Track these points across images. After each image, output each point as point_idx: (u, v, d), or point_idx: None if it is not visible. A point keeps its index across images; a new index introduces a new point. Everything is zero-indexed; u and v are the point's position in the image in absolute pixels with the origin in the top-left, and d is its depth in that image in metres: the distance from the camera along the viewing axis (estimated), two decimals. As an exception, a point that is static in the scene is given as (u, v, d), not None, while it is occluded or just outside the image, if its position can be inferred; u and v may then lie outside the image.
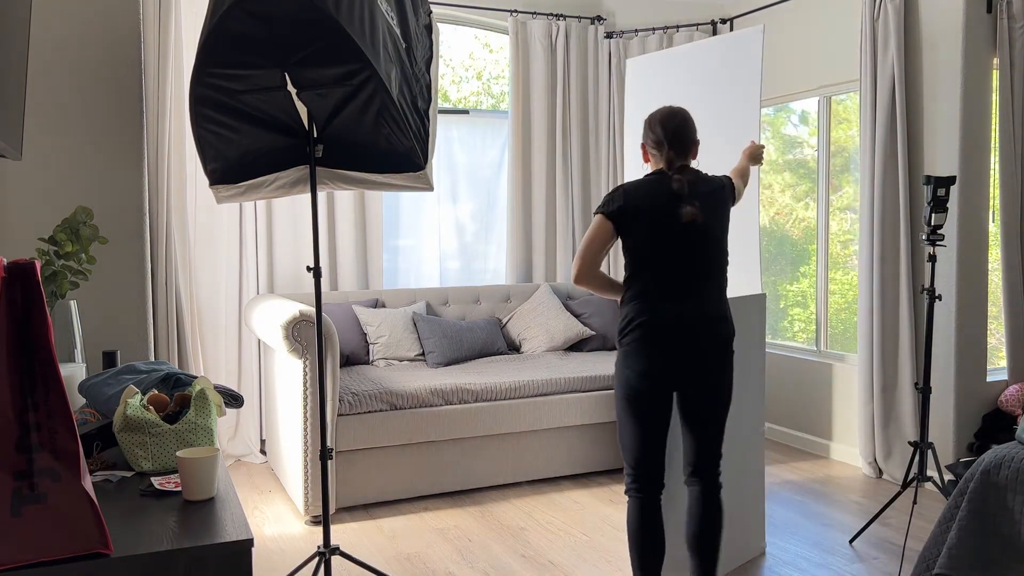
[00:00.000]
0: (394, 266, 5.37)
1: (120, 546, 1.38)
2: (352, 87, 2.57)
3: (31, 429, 1.30)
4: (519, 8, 5.37)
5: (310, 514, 3.81)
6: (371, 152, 2.77)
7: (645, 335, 2.62)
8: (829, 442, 4.95)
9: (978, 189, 4.25)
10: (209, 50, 2.50)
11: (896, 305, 4.42)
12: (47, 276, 2.52)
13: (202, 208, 4.64)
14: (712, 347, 2.65)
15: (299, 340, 3.72)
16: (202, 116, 2.69)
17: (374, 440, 3.98)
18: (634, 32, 5.57)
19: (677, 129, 2.70)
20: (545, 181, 5.45)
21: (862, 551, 3.52)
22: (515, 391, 4.28)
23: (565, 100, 5.46)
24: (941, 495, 4.02)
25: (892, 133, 4.35)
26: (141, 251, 3.47)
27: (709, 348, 2.65)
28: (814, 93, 5.05)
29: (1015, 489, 2.62)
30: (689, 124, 2.73)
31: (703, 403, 2.70)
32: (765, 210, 5.57)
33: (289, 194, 3.03)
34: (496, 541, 3.64)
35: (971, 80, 4.16)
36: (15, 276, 1.29)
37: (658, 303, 2.62)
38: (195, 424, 1.84)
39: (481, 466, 4.26)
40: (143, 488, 1.68)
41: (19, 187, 3.24)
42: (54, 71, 3.28)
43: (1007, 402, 4.28)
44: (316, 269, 2.88)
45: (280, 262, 4.85)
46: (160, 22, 4.22)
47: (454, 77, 5.55)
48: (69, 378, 2.19)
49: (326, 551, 2.92)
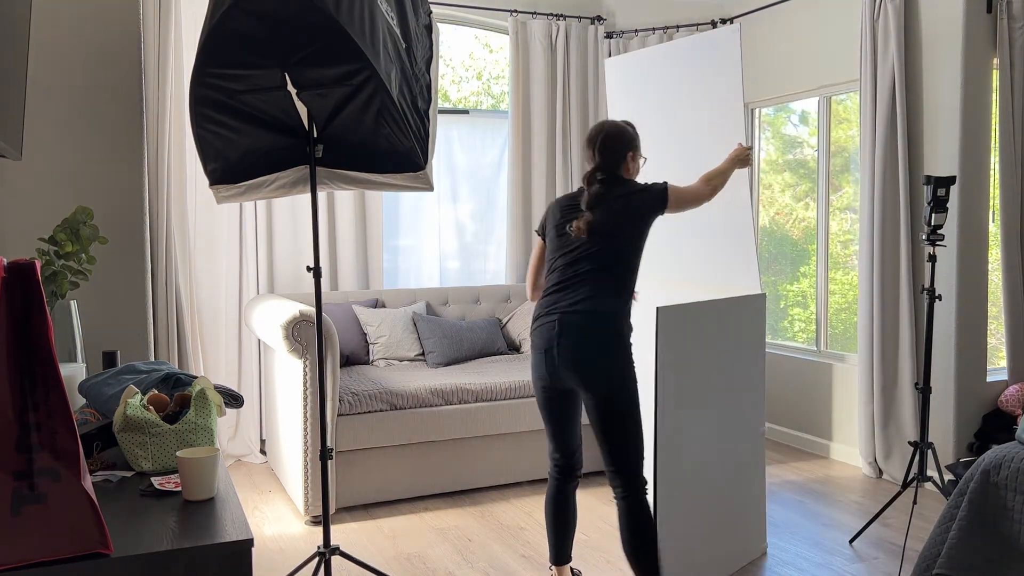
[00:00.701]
0: (394, 266, 5.38)
1: (120, 546, 1.38)
2: (352, 87, 2.57)
3: (31, 429, 1.30)
4: (519, 8, 5.37)
5: (310, 514, 3.81)
6: (371, 152, 2.77)
7: (533, 335, 2.86)
8: (829, 442, 4.95)
9: (978, 189, 4.25)
10: (209, 50, 2.50)
11: (896, 305, 4.42)
12: (47, 276, 2.52)
13: (202, 208, 4.64)
14: (587, 348, 2.72)
15: (299, 340, 3.72)
16: (202, 116, 2.69)
17: (374, 440, 3.98)
18: (634, 32, 5.57)
19: (604, 142, 2.87)
20: (545, 181, 5.45)
21: (862, 551, 3.52)
22: (515, 391, 4.28)
23: (565, 100, 5.46)
24: (941, 495, 4.02)
25: (892, 133, 4.35)
26: (141, 251, 3.47)
27: (582, 349, 2.72)
28: (814, 93, 5.05)
29: (1015, 489, 2.62)
30: (617, 138, 2.88)
31: (589, 404, 2.77)
32: (765, 210, 5.57)
33: (289, 194, 3.03)
34: (496, 541, 3.64)
35: (971, 80, 4.16)
36: (15, 276, 1.29)
37: (547, 306, 2.83)
38: (195, 424, 1.84)
39: (481, 466, 4.26)
40: (143, 488, 1.68)
41: (19, 187, 3.24)
42: (54, 71, 3.28)
43: (1007, 402, 4.28)
44: (316, 269, 2.88)
45: (280, 262, 4.85)
46: (160, 22, 4.22)
47: (454, 77, 5.55)
48: (69, 378, 2.19)
49: (326, 551, 2.92)
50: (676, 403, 3.00)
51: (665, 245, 3.99)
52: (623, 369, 2.73)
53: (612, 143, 2.88)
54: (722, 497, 3.28)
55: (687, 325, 3.02)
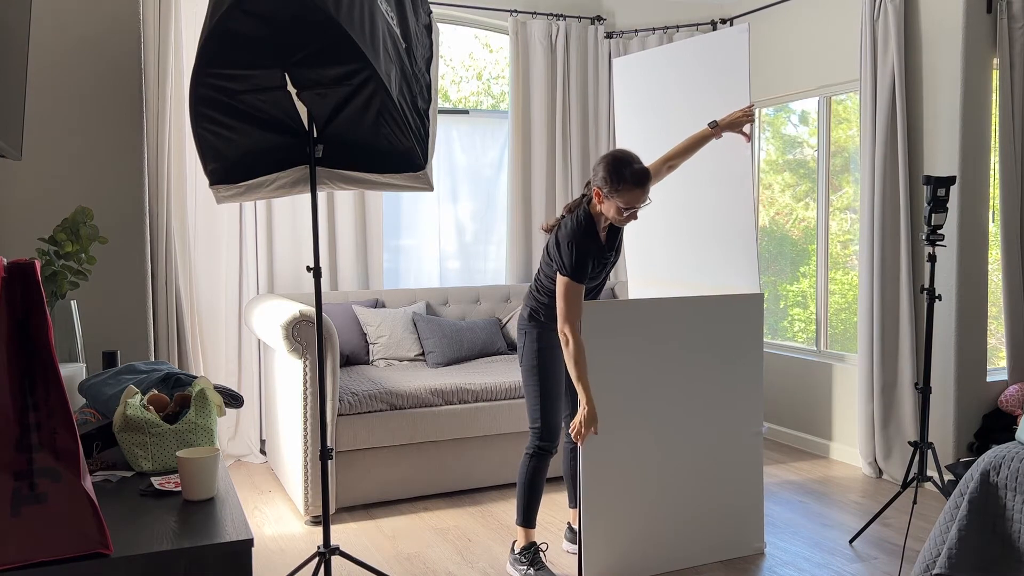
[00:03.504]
0: (394, 266, 5.37)
1: (120, 546, 1.38)
2: (352, 87, 2.57)
3: (31, 429, 1.30)
4: (519, 8, 5.37)
5: (310, 514, 3.81)
6: (371, 152, 2.77)
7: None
8: (829, 442, 4.95)
9: (978, 189, 4.25)
10: (209, 50, 2.50)
11: (896, 305, 4.42)
12: (47, 276, 2.52)
13: (202, 208, 4.64)
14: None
15: (299, 340, 3.72)
16: (202, 116, 2.69)
17: (374, 440, 3.98)
18: (634, 32, 5.57)
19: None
20: (545, 181, 5.45)
21: (862, 551, 3.52)
22: (515, 391, 4.28)
23: (565, 100, 5.46)
24: (941, 495, 4.02)
25: (892, 133, 4.35)
26: (141, 251, 3.47)
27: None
28: (814, 93, 5.05)
29: (1015, 489, 2.62)
30: (595, 171, 3.04)
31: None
32: (765, 210, 5.58)
33: (289, 194, 3.03)
34: (496, 541, 3.64)
35: (971, 80, 4.16)
36: (15, 276, 1.29)
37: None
38: (195, 424, 1.84)
39: (481, 466, 4.26)
40: (143, 488, 1.68)
41: (19, 187, 3.24)
42: (54, 71, 3.28)
43: (1007, 402, 4.28)
44: (316, 269, 2.88)
45: (280, 262, 4.85)
46: (160, 22, 4.22)
47: (454, 77, 5.55)
48: (69, 378, 2.19)
49: (326, 551, 2.92)
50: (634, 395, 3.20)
51: (662, 246, 3.99)
52: (524, 349, 3.29)
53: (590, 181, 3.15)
54: (705, 491, 3.36)
55: (618, 323, 3.16)
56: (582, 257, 2.95)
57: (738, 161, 3.54)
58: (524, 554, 3.24)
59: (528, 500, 3.24)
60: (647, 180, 2.96)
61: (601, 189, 2.97)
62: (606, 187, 2.95)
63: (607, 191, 2.96)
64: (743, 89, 3.49)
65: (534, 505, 3.25)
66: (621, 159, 2.96)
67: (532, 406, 3.21)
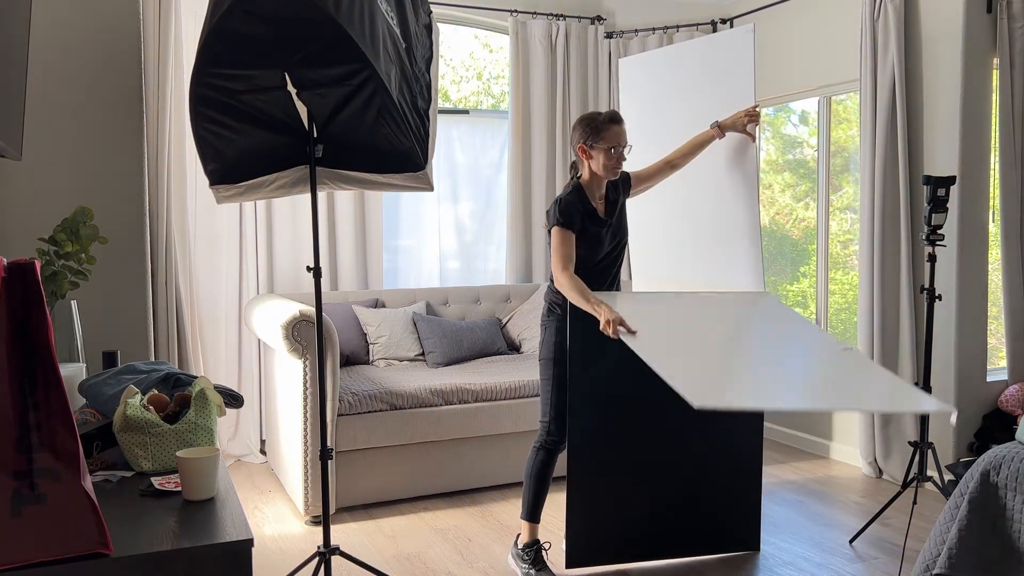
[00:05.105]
0: (394, 266, 5.37)
1: (120, 546, 1.38)
2: (352, 87, 2.57)
3: (31, 429, 1.30)
4: (519, 8, 5.37)
5: (310, 514, 3.81)
6: (371, 152, 2.77)
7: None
8: (829, 442, 4.95)
9: (978, 189, 4.25)
10: (209, 50, 2.50)
11: (896, 305, 4.42)
12: (47, 276, 2.53)
13: (202, 208, 4.64)
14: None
15: (299, 340, 3.72)
16: (202, 116, 2.69)
17: (374, 440, 3.98)
18: (634, 32, 5.57)
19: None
20: (545, 181, 5.45)
21: (862, 551, 3.51)
22: (515, 391, 4.28)
23: (565, 100, 5.46)
24: (941, 495, 4.02)
25: (892, 133, 4.35)
26: (141, 251, 3.47)
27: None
28: (814, 93, 5.05)
29: (1015, 489, 2.62)
30: (572, 137, 3.15)
31: None
32: (765, 210, 5.58)
33: (289, 194, 3.03)
34: (496, 541, 3.64)
35: (971, 80, 4.16)
36: (15, 276, 1.29)
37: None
38: (195, 424, 1.84)
39: (481, 466, 4.26)
40: (143, 488, 1.68)
41: (19, 187, 3.24)
42: (54, 71, 3.28)
43: (1007, 402, 4.28)
44: (316, 269, 2.88)
45: (280, 262, 4.85)
46: (160, 22, 4.22)
47: (454, 77, 5.55)
48: (69, 378, 2.19)
49: (326, 551, 2.92)
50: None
51: (666, 245, 3.99)
52: (544, 337, 3.30)
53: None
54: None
55: (623, 316, 3.13)
56: (567, 207, 3.07)
57: (744, 162, 3.55)
58: (527, 551, 3.24)
59: (535, 494, 3.23)
60: (620, 117, 3.10)
61: (584, 143, 3.09)
62: (588, 138, 3.08)
63: (590, 141, 3.08)
64: (748, 89, 3.49)
65: (540, 500, 3.25)
66: (589, 114, 3.14)
67: (545, 399, 3.23)
